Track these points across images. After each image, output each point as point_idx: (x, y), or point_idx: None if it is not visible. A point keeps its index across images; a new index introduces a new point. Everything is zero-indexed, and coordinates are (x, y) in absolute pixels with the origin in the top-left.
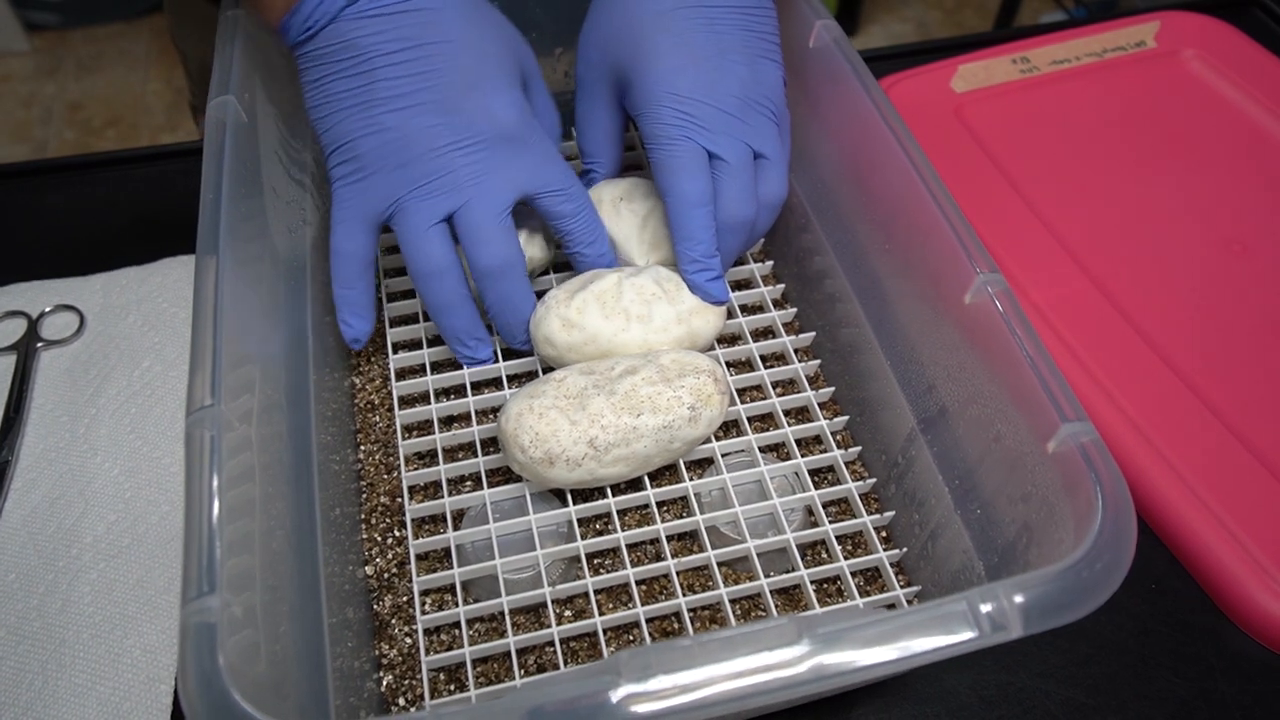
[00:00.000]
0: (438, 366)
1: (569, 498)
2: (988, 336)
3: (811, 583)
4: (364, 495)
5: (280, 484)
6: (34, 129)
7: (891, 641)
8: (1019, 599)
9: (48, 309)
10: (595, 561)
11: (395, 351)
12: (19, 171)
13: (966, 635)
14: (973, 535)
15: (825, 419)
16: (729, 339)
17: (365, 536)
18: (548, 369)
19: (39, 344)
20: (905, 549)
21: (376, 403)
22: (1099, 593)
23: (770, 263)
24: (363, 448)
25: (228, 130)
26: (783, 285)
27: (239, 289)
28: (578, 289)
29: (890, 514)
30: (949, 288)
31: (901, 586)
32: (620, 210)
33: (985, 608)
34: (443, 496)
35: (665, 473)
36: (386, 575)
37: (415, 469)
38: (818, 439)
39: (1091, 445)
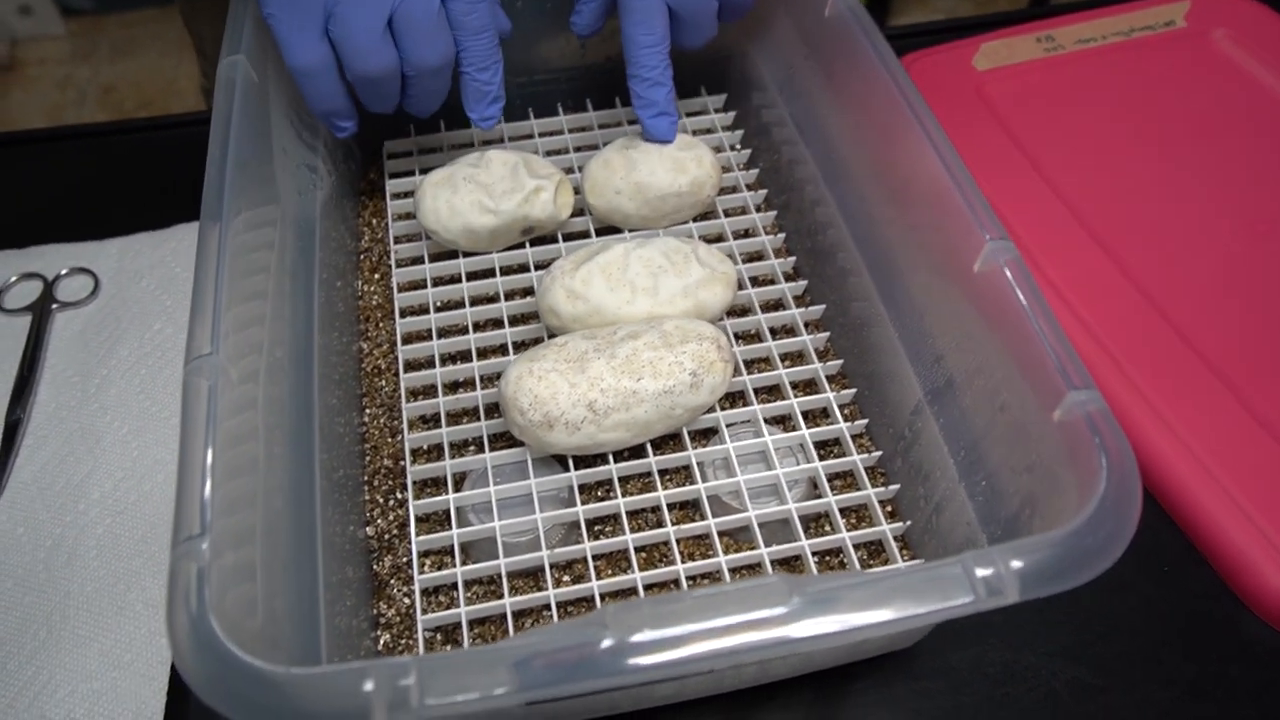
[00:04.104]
0: (444, 332)
1: (570, 463)
2: (996, 305)
3: (813, 554)
4: (367, 458)
5: (282, 444)
6: (67, 111)
7: (885, 603)
8: (1016, 564)
9: (64, 271)
10: (595, 527)
11: (403, 316)
12: (39, 138)
13: (962, 600)
14: (976, 507)
15: (832, 391)
16: (738, 310)
17: (367, 498)
18: (552, 336)
19: (54, 305)
20: (909, 522)
21: (383, 367)
22: (1100, 560)
23: (782, 235)
24: (368, 411)
25: (237, 90)
26: (794, 258)
27: (246, 249)
28: (583, 260)
29: (895, 487)
30: (959, 257)
31: (905, 559)
32: (627, 156)
33: (982, 571)
34: (444, 459)
35: (668, 441)
36: (387, 536)
37: (418, 432)
38: (825, 411)
39: (1098, 414)
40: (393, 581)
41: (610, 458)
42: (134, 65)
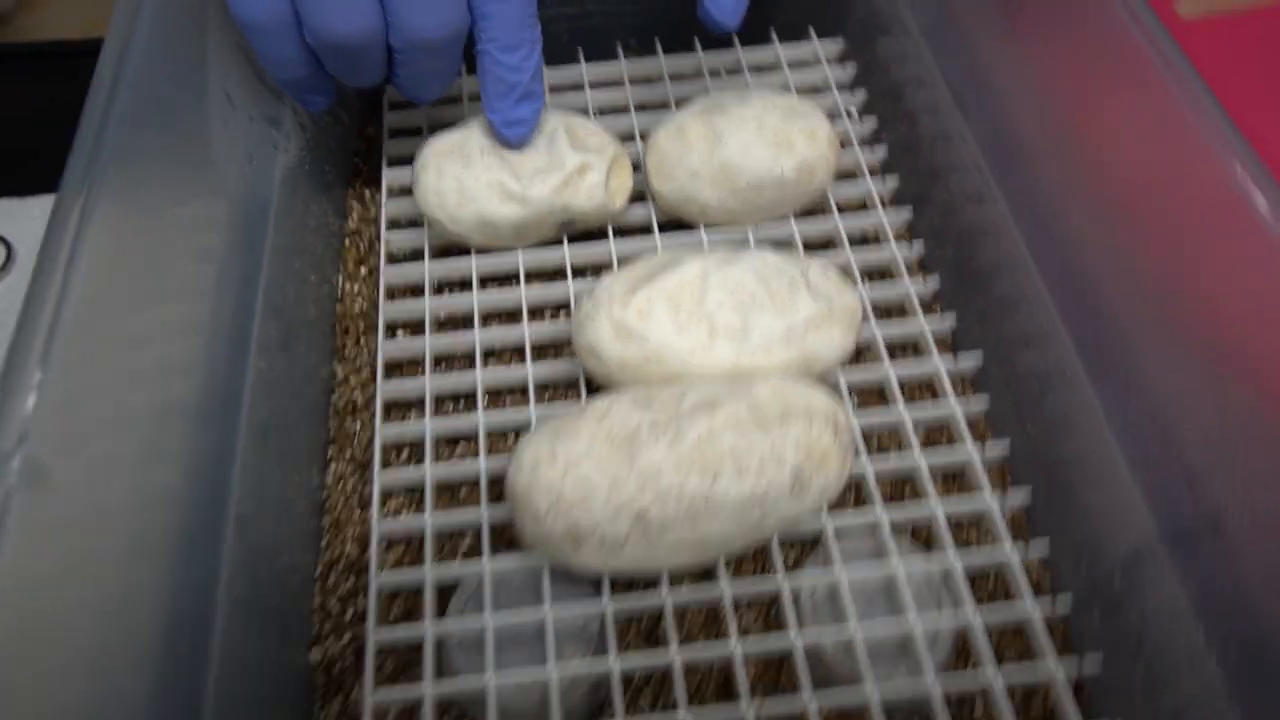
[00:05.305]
0: (441, 360)
1: (605, 583)
2: None
3: None
4: (325, 539)
5: (155, 536)
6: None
7: None
8: None
9: None
10: (635, 686)
11: (388, 334)
12: None
13: None
14: None
15: (994, 494)
16: (853, 353)
17: (318, 603)
18: (592, 384)
19: None
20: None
21: (359, 404)
22: None
23: (919, 244)
24: (333, 466)
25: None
26: (936, 277)
27: (140, 237)
28: (642, 280)
29: (1094, 656)
30: (1254, 311)
31: None
32: (710, 125)
33: None
34: (424, 561)
35: (747, 555)
36: (337, 668)
37: (394, 516)
38: (979, 521)
39: None
40: None
41: (664, 580)
42: None
